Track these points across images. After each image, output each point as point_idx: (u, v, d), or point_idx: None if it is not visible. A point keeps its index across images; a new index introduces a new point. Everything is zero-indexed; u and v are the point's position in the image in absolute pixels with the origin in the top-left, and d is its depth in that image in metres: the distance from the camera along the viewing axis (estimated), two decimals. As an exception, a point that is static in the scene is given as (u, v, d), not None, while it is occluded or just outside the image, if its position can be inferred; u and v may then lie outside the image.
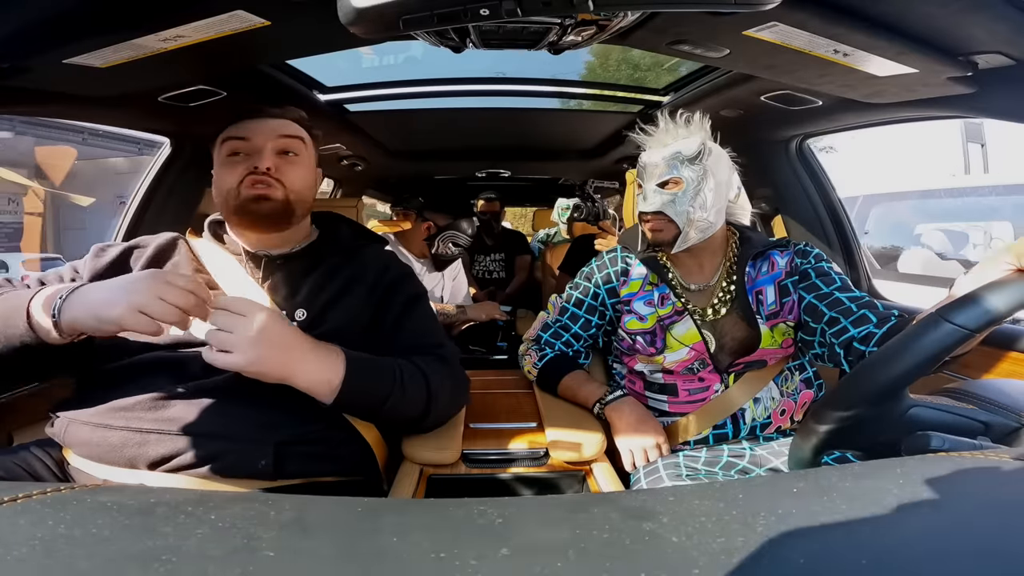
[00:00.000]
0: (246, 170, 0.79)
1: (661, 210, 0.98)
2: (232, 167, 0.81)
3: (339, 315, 0.80)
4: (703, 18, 0.78)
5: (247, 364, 0.62)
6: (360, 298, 0.83)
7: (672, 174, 0.98)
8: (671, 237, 0.99)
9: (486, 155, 2.54)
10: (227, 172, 0.81)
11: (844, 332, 0.88)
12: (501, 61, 1.53)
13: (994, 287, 0.50)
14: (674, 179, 0.98)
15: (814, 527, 0.27)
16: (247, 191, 0.79)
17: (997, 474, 0.32)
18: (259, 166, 0.79)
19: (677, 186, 0.98)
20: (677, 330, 1.01)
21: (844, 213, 1.59)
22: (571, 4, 0.61)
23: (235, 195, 0.80)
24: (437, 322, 0.95)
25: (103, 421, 0.67)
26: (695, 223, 0.98)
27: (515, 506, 0.30)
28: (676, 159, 0.98)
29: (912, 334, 0.50)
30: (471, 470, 0.92)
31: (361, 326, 0.82)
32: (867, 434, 0.51)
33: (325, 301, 0.80)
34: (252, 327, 0.63)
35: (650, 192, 0.99)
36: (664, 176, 0.98)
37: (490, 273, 2.94)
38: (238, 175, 0.80)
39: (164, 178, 1.40)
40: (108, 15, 0.70)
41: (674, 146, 0.99)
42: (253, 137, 0.81)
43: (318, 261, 0.86)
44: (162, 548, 0.25)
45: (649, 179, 1.00)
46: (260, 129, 0.82)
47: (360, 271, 0.86)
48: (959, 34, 0.75)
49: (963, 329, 0.47)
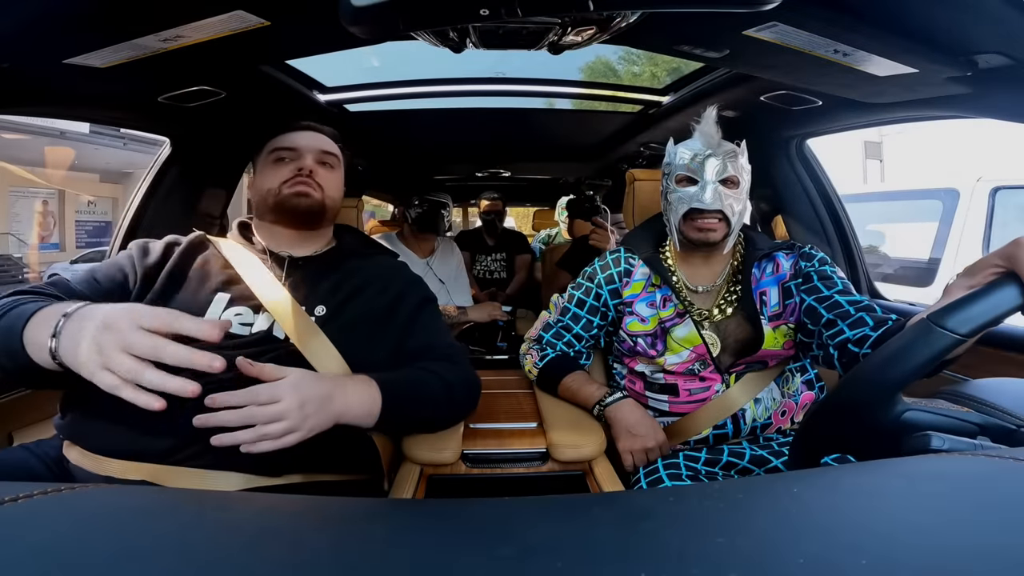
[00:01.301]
0: (291, 172, 0.89)
1: (722, 208, 0.95)
2: (277, 170, 0.90)
3: (355, 309, 0.84)
4: (703, 18, 0.78)
5: (307, 433, 0.65)
6: (375, 295, 0.88)
7: (732, 172, 0.96)
8: (722, 236, 0.97)
9: (486, 155, 2.54)
10: (271, 174, 0.90)
11: (840, 334, 0.88)
12: (501, 61, 1.53)
13: (983, 292, 0.50)
14: (733, 177, 0.96)
15: (814, 527, 0.27)
16: (289, 189, 0.88)
17: (997, 474, 0.32)
18: (303, 167, 0.89)
19: (735, 185, 0.96)
20: (678, 332, 1.01)
21: (844, 213, 1.59)
22: (571, 4, 0.61)
23: (276, 192, 0.88)
24: (445, 325, 0.98)
25: (113, 413, 0.67)
26: (738, 224, 0.98)
27: (515, 506, 0.30)
28: (734, 156, 0.96)
29: (902, 340, 0.50)
30: (471, 470, 0.92)
31: (375, 320, 0.85)
32: (862, 439, 0.51)
33: (343, 297, 0.85)
34: (293, 398, 0.64)
35: (710, 187, 0.95)
36: (726, 173, 0.95)
37: (491, 273, 2.94)
38: (282, 176, 0.89)
39: (164, 178, 1.40)
40: (108, 15, 0.70)
41: (728, 144, 0.97)
42: (299, 146, 0.91)
43: (336, 264, 0.91)
44: (162, 548, 0.25)
45: (707, 174, 0.95)
46: (305, 140, 0.93)
47: (375, 273, 0.92)
48: (959, 34, 0.75)
49: (953, 335, 0.47)
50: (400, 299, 0.90)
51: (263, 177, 0.91)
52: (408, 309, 0.90)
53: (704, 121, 0.99)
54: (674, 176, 1.00)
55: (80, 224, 13.44)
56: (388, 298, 0.89)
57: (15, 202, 11.95)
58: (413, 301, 0.91)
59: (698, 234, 0.98)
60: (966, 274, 0.61)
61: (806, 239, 1.57)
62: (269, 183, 0.89)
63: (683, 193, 0.98)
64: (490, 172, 2.82)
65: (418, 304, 0.92)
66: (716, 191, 0.94)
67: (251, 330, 0.77)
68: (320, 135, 0.95)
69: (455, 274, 2.02)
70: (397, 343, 0.86)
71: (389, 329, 0.86)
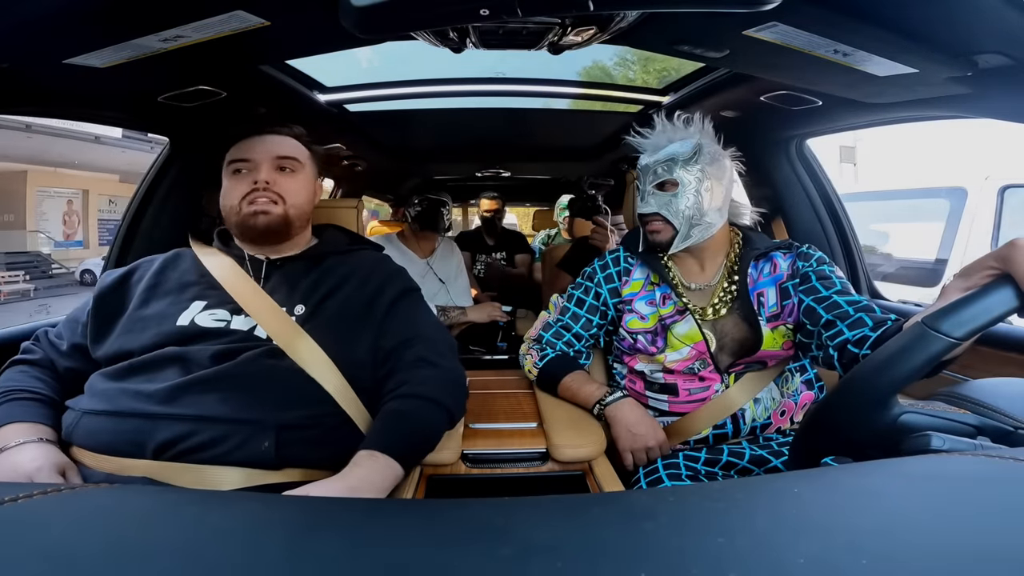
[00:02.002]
0: (247, 187, 0.86)
1: (658, 211, 1.00)
2: (235, 185, 0.87)
3: (334, 306, 0.84)
4: (703, 18, 0.78)
5: None
6: (353, 290, 0.87)
7: (668, 176, 0.99)
8: (669, 238, 1.01)
9: (486, 155, 2.54)
10: (230, 188, 0.88)
11: (839, 335, 0.87)
12: (501, 61, 1.53)
13: (978, 295, 0.50)
14: (670, 181, 0.99)
15: (814, 527, 0.27)
16: (247, 207, 0.85)
17: (997, 474, 0.32)
18: (258, 181, 0.86)
19: (674, 188, 0.99)
20: (678, 329, 1.01)
21: (844, 213, 1.59)
22: (571, 4, 0.61)
23: (237, 211, 0.86)
24: (432, 315, 0.97)
25: (115, 409, 0.69)
26: (693, 224, 0.99)
27: (515, 506, 0.30)
28: (672, 161, 0.99)
29: (897, 344, 0.50)
30: (471, 470, 0.92)
31: (354, 316, 0.84)
32: (859, 441, 0.51)
33: (322, 295, 0.84)
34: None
35: (647, 194, 1.02)
36: (660, 178, 1.00)
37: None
38: (240, 192, 0.86)
39: (163, 178, 1.40)
40: (108, 15, 0.70)
41: (669, 148, 1.00)
42: (252, 157, 0.88)
43: (316, 262, 0.90)
44: (162, 548, 0.25)
45: (646, 181, 1.02)
46: (260, 148, 0.88)
47: (355, 268, 0.90)
48: (959, 34, 0.75)
49: (947, 338, 0.47)
50: (379, 292, 0.88)
51: (224, 192, 0.89)
52: (387, 299, 0.88)
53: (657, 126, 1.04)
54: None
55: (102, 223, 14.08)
56: (368, 292, 0.87)
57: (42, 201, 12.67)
58: (392, 293, 0.89)
59: (650, 236, 1.04)
60: (962, 275, 0.61)
61: (806, 239, 1.57)
62: (229, 199, 0.87)
63: (638, 198, 1.05)
64: (490, 172, 2.82)
65: (397, 295, 0.89)
66: (653, 196, 1.01)
67: (228, 327, 0.78)
68: (277, 137, 0.90)
69: (455, 274, 2.02)
70: (376, 336, 0.84)
71: (368, 324, 0.85)
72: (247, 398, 0.71)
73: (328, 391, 0.75)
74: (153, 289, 0.83)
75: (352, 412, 0.77)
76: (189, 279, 0.84)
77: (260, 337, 0.78)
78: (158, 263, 0.87)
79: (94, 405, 0.71)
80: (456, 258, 2.07)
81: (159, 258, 0.89)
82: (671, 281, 1.05)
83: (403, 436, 0.75)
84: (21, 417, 0.71)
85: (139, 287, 0.83)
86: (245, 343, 0.76)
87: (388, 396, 0.79)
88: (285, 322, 0.79)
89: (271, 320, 0.78)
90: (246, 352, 0.74)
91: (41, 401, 0.75)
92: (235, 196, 0.86)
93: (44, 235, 12.82)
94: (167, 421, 0.68)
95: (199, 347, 0.75)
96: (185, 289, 0.82)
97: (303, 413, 0.73)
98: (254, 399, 0.71)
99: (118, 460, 0.67)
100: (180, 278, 0.84)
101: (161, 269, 0.86)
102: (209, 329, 0.77)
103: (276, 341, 0.76)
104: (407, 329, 0.86)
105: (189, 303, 0.80)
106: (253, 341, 0.77)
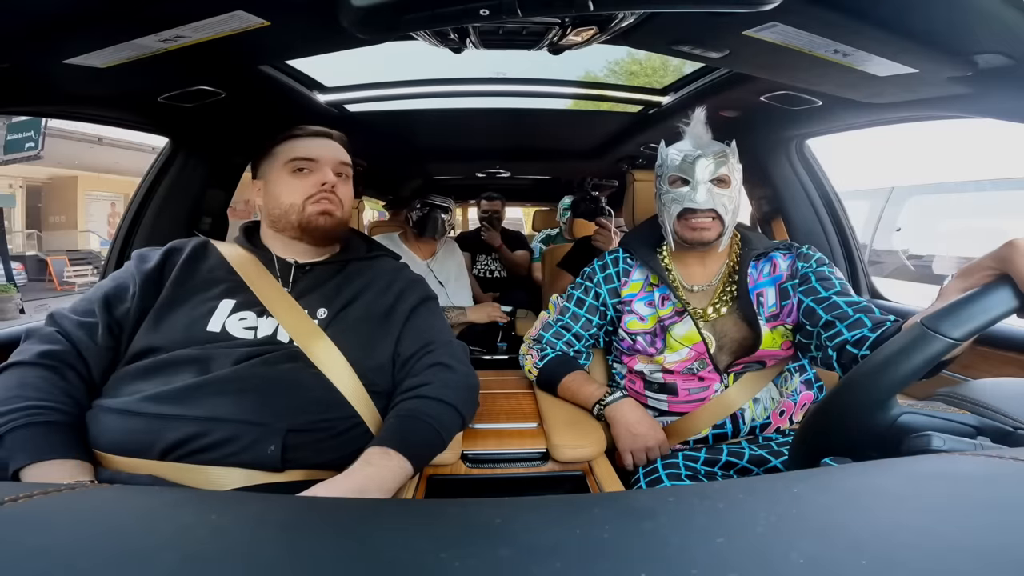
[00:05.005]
0: (313, 187, 0.86)
1: (714, 207, 0.96)
2: (298, 183, 0.87)
3: (356, 311, 0.85)
4: (703, 18, 0.78)
5: None
6: (375, 296, 0.88)
7: (722, 171, 0.97)
8: (716, 235, 0.98)
9: (486, 155, 2.53)
10: (291, 186, 0.87)
11: (838, 335, 0.87)
12: (501, 61, 1.53)
13: (977, 296, 0.50)
14: (725, 177, 0.97)
15: (814, 527, 0.27)
16: (313, 207, 0.86)
17: (998, 474, 0.32)
18: (327, 182, 0.87)
19: (727, 183, 0.97)
20: (677, 330, 1.01)
21: (844, 213, 1.59)
22: (571, 4, 0.61)
23: (299, 210, 0.86)
24: (447, 323, 0.98)
25: (129, 408, 0.69)
26: (731, 223, 0.98)
27: (515, 506, 0.30)
28: (724, 156, 0.97)
29: (897, 344, 0.50)
30: (471, 470, 0.92)
31: (375, 321, 0.85)
32: (859, 441, 0.51)
33: (345, 300, 0.85)
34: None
35: (702, 189, 0.96)
36: (717, 172, 0.96)
37: (491, 272, 2.94)
38: (304, 190, 0.86)
39: (163, 178, 1.40)
40: (108, 15, 0.70)
41: (718, 144, 0.98)
42: (320, 157, 0.88)
43: (340, 268, 0.91)
44: (162, 548, 0.25)
45: (698, 174, 0.96)
46: (325, 150, 0.90)
47: (377, 274, 0.92)
48: (959, 34, 0.75)
49: (946, 339, 0.47)
50: (400, 299, 0.90)
51: (281, 188, 0.87)
52: (407, 306, 0.89)
53: (694, 122, 1.01)
54: (667, 177, 1.01)
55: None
56: (388, 298, 0.89)
57: (89, 204, 14.00)
58: (412, 300, 0.91)
59: (692, 233, 0.99)
60: (961, 276, 0.60)
61: (806, 239, 1.57)
62: (290, 197, 0.86)
63: (676, 194, 0.99)
64: (490, 172, 2.82)
65: (416, 303, 0.91)
66: (708, 190, 0.96)
67: (256, 335, 0.78)
68: (335, 143, 0.93)
69: (456, 275, 2.02)
70: (395, 342, 0.86)
71: (388, 329, 0.86)
72: (259, 400, 0.71)
73: (344, 395, 0.76)
74: (181, 284, 0.81)
75: (365, 415, 0.78)
76: (217, 275, 0.83)
77: (282, 341, 0.78)
78: (186, 253, 0.86)
79: (110, 403, 0.70)
80: (457, 259, 2.07)
81: (187, 246, 0.87)
82: (670, 283, 1.05)
83: (418, 436, 0.75)
84: (64, 453, 0.65)
85: (169, 278, 0.82)
86: (265, 346, 0.76)
87: (404, 396, 0.80)
88: (307, 324, 0.79)
89: (293, 322, 0.79)
90: (265, 355, 0.75)
91: (72, 426, 0.69)
92: (298, 195, 0.86)
93: (94, 234, 13.81)
94: (178, 422, 0.67)
95: (222, 350, 0.75)
96: (212, 286, 0.82)
97: (314, 417, 0.73)
98: (266, 402, 0.71)
99: (123, 460, 0.67)
100: (208, 273, 0.84)
101: (189, 260, 0.85)
102: (239, 339, 0.77)
103: (296, 342, 0.77)
104: (425, 335, 0.88)
105: (217, 301, 0.80)
106: (274, 345, 0.77)
